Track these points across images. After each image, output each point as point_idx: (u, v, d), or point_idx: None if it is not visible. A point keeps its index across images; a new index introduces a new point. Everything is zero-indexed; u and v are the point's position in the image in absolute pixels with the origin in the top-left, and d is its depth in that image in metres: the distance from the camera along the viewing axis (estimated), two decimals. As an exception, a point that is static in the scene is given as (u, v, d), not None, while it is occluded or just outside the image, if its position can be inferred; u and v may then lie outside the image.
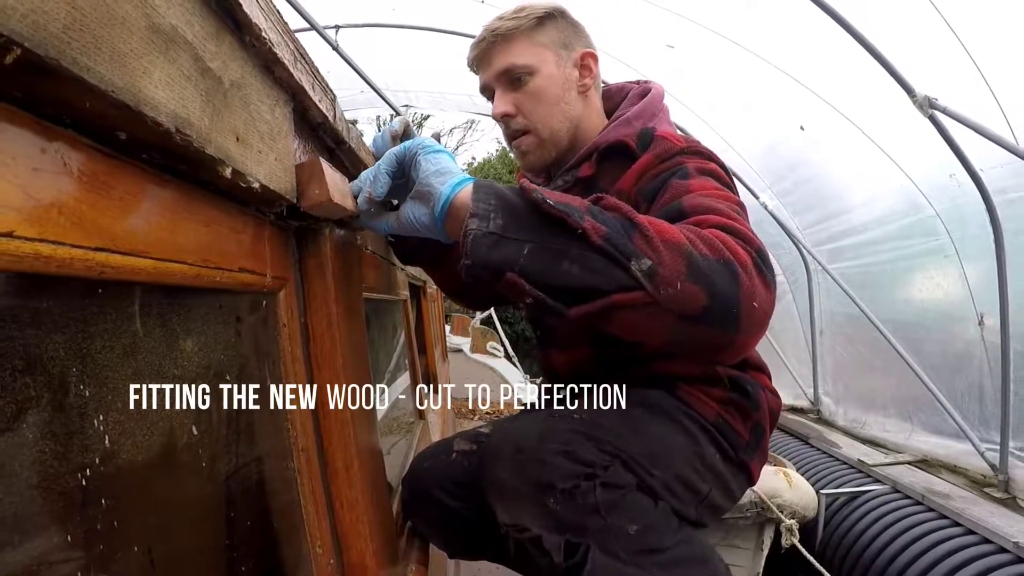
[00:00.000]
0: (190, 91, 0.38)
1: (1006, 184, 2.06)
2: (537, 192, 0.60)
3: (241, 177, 0.45)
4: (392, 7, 3.30)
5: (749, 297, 0.59)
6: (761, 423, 0.88)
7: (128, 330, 0.40)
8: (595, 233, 0.58)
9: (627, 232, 0.59)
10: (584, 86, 0.95)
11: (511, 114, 0.93)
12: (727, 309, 0.59)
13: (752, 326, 0.60)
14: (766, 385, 0.93)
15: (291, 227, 0.65)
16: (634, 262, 0.57)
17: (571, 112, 0.94)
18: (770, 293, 0.62)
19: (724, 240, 0.62)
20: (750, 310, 0.59)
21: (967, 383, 2.48)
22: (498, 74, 0.93)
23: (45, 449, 0.31)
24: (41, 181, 0.29)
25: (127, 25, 0.31)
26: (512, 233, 0.59)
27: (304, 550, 0.63)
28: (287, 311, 0.64)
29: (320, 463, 0.67)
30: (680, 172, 0.78)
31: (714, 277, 0.58)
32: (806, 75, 2.56)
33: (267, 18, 0.48)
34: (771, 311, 0.62)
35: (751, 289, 0.60)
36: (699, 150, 0.85)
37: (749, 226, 0.69)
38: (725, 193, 0.74)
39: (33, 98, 0.28)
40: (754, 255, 0.62)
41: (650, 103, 0.96)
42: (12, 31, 0.23)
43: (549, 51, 0.91)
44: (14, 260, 0.27)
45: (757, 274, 0.61)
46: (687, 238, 0.60)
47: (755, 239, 0.65)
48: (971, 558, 1.83)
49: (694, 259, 0.58)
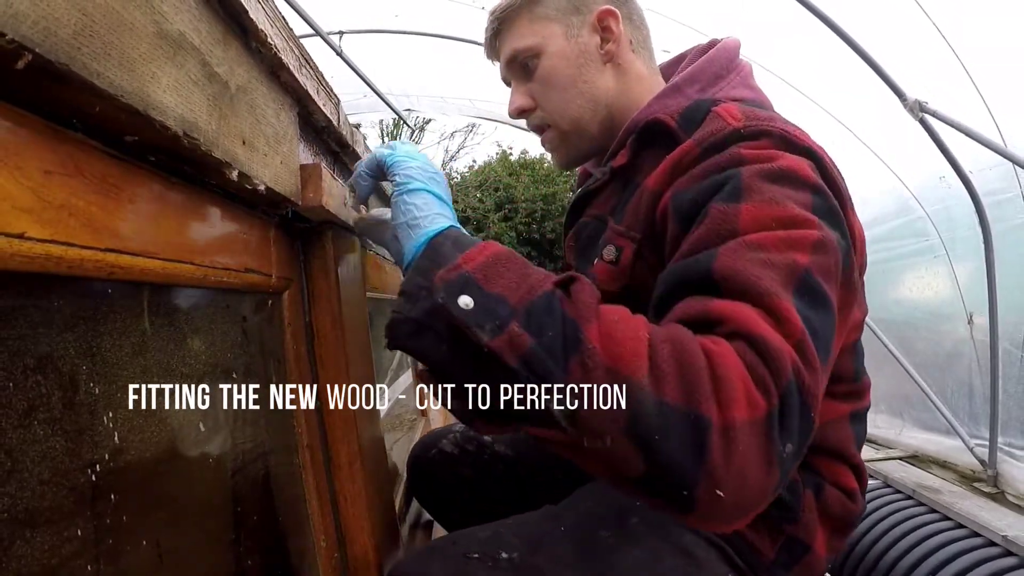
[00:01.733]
0: (197, 96, 0.38)
1: (995, 186, 2.06)
2: (453, 284, 0.44)
3: (247, 180, 0.45)
4: (395, 13, 3.30)
5: (713, 480, 0.39)
6: (799, 538, 0.63)
7: (137, 329, 0.40)
8: (510, 352, 0.41)
9: (565, 351, 0.41)
10: (608, 53, 0.73)
11: (527, 108, 0.76)
12: (670, 485, 0.40)
13: (716, 514, 0.40)
14: (837, 481, 0.65)
15: (296, 228, 0.65)
16: (557, 395, 0.41)
17: (595, 91, 0.73)
18: (767, 474, 0.40)
19: (722, 374, 0.40)
20: (711, 497, 0.39)
21: (957, 381, 2.48)
22: (507, 64, 0.77)
23: (56, 445, 0.31)
24: (52, 184, 0.29)
25: (136, 31, 0.31)
26: (432, 322, 0.45)
27: (309, 543, 0.63)
28: (292, 310, 0.64)
29: (324, 459, 0.67)
30: (730, 185, 0.52)
31: (662, 444, 0.39)
32: (798, 79, 2.56)
33: (272, 24, 0.48)
34: (758, 497, 0.41)
35: (721, 470, 0.39)
36: (765, 130, 0.57)
37: (811, 312, 0.45)
38: (791, 234, 0.49)
39: (44, 102, 0.28)
40: (775, 401, 0.41)
41: (711, 62, 0.71)
42: (23, 37, 0.23)
43: (555, 23, 0.73)
44: (26, 261, 0.27)
45: (754, 442, 0.40)
46: (649, 367, 0.40)
47: (794, 365, 0.42)
48: (961, 551, 1.84)
49: (641, 414, 0.39)
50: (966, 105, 1.92)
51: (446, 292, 0.44)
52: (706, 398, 0.40)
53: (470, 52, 3.28)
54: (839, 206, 0.55)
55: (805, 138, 0.58)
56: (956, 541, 1.86)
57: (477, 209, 8.66)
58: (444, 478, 0.98)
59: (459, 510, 1.00)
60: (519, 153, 9.32)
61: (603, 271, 0.67)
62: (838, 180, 0.57)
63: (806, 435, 0.43)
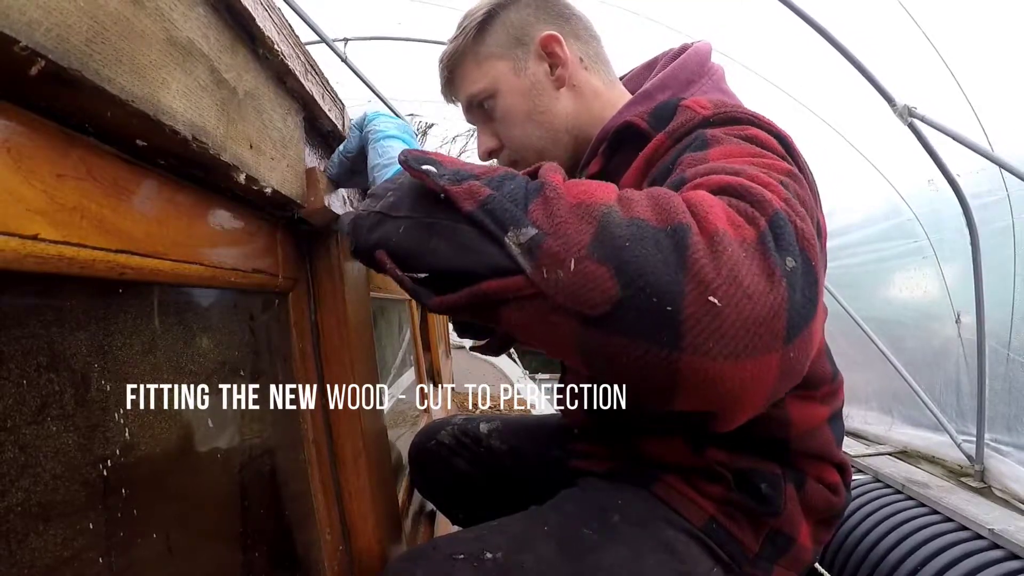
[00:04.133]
0: (206, 101, 0.38)
1: (981, 189, 2.07)
2: (419, 157, 0.45)
3: (255, 183, 0.45)
4: (398, 21, 3.30)
5: (702, 284, 0.32)
6: (783, 530, 0.62)
7: (147, 328, 0.40)
8: (467, 198, 0.39)
9: (525, 197, 0.39)
10: (560, 78, 0.69)
11: (494, 148, 0.74)
12: (650, 304, 0.32)
13: (713, 339, 0.31)
14: (820, 476, 0.65)
15: (302, 230, 0.65)
16: (511, 232, 0.37)
17: (553, 119, 0.70)
18: (770, 286, 0.32)
19: (697, 201, 0.36)
20: (702, 309, 0.31)
21: (945, 378, 2.48)
22: (466, 109, 0.75)
23: (69, 441, 0.31)
24: (64, 186, 0.29)
25: (146, 38, 0.31)
26: (396, 211, 0.45)
27: (315, 537, 0.63)
28: (298, 310, 0.64)
29: (330, 454, 0.67)
30: (698, 142, 0.51)
31: (634, 250, 0.33)
32: (790, 84, 2.56)
33: (279, 31, 0.48)
34: (766, 312, 0.32)
35: (708, 269, 0.32)
36: (735, 116, 0.54)
37: (791, 193, 0.40)
38: (764, 158, 0.46)
39: (56, 107, 0.28)
40: (763, 224, 0.35)
41: (683, 67, 0.67)
42: (37, 44, 0.23)
43: (501, 60, 0.69)
44: (39, 261, 0.27)
45: (745, 251, 0.33)
46: (618, 198, 0.37)
47: (782, 204, 0.36)
48: (949, 544, 1.83)
49: (609, 225, 0.35)
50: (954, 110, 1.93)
51: (412, 160, 0.45)
52: (678, 216, 0.34)
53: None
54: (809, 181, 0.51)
55: (775, 124, 0.55)
56: (944, 534, 1.86)
57: (478, 211, 8.65)
58: (442, 470, 0.99)
59: (457, 501, 1.00)
60: (519, 157, 9.32)
61: None
62: (805, 167, 0.53)
63: (808, 261, 0.35)
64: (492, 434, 0.97)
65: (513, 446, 0.95)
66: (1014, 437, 2.19)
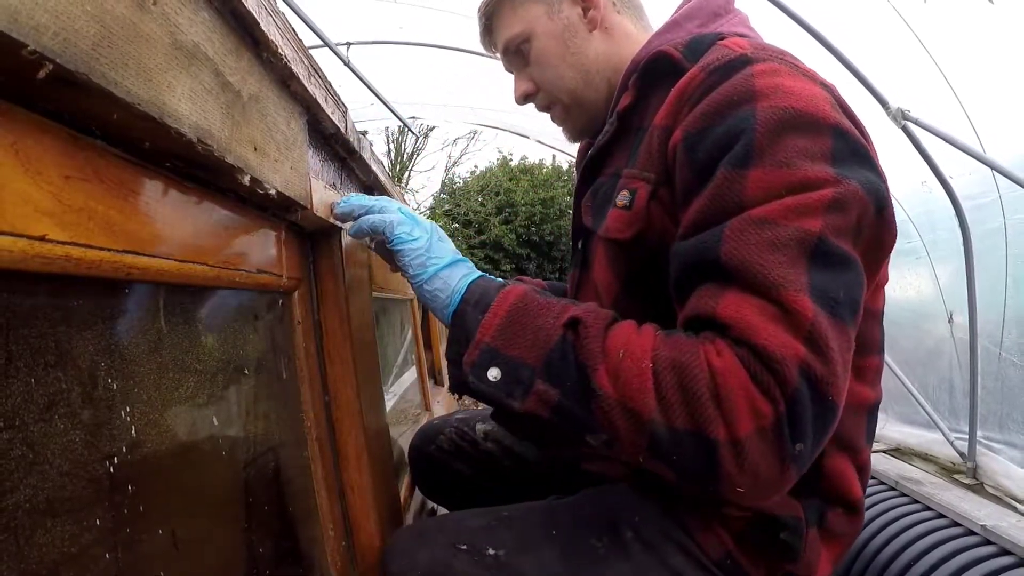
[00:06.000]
0: (211, 104, 0.38)
1: (974, 191, 2.07)
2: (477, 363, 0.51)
3: (259, 184, 0.45)
4: (400, 25, 3.29)
5: (730, 483, 0.45)
6: (799, 573, 0.59)
7: (153, 327, 0.40)
8: (543, 406, 0.49)
9: (585, 397, 0.48)
10: (592, 20, 0.71)
11: (530, 92, 0.75)
12: (702, 486, 0.47)
13: (742, 500, 0.48)
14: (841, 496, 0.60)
15: (305, 231, 0.65)
16: (590, 436, 0.49)
17: (585, 60, 0.71)
18: (781, 471, 0.44)
19: (727, 393, 0.44)
20: (731, 493, 0.46)
21: (938, 377, 2.48)
22: (504, 55, 0.76)
23: (76, 438, 0.31)
24: (72, 188, 0.29)
25: (152, 42, 0.31)
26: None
27: (318, 532, 0.63)
28: (301, 309, 0.64)
29: (332, 452, 0.67)
30: (741, 144, 0.49)
31: (679, 459, 0.46)
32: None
33: (283, 35, 0.48)
34: (776, 489, 0.47)
35: (735, 476, 0.44)
36: (776, 55, 0.54)
37: (823, 326, 0.44)
38: (801, 199, 0.47)
39: (64, 110, 0.28)
40: (782, 408, 0.43)
41: (708, 1, 0.68)
42: (44, 48, 0.23)
43: (537, 4, 0.71)
44: (47, 262, 0.27)
45: (764, 448, 0.43)
46: (656, 399, 0.46)
47: (799, 376, 0.43)
48: (941, 540, 1.83)
49: (657, 435, 0.46)
50: (946, 113, 1.93)
51: (475, 375, 0.51)
52: (712, 420, 0.44)
53: (472, 62, 3.28)
54: (864, 143, 0.51)
55: (802, 68, 0.54)
56: (937, 530, 1.86)
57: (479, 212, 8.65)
58: (442, 472, 0.98)
59: (461, 503, 1.00)
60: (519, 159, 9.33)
61: (616, 219, 0.63)
62: (856, 117, 0.53)
63: (823, 426, 0.45)
64: (488, 436, 0.96)
65: (511, 447, 0.95)
66: (1006, 435, 2.19)
